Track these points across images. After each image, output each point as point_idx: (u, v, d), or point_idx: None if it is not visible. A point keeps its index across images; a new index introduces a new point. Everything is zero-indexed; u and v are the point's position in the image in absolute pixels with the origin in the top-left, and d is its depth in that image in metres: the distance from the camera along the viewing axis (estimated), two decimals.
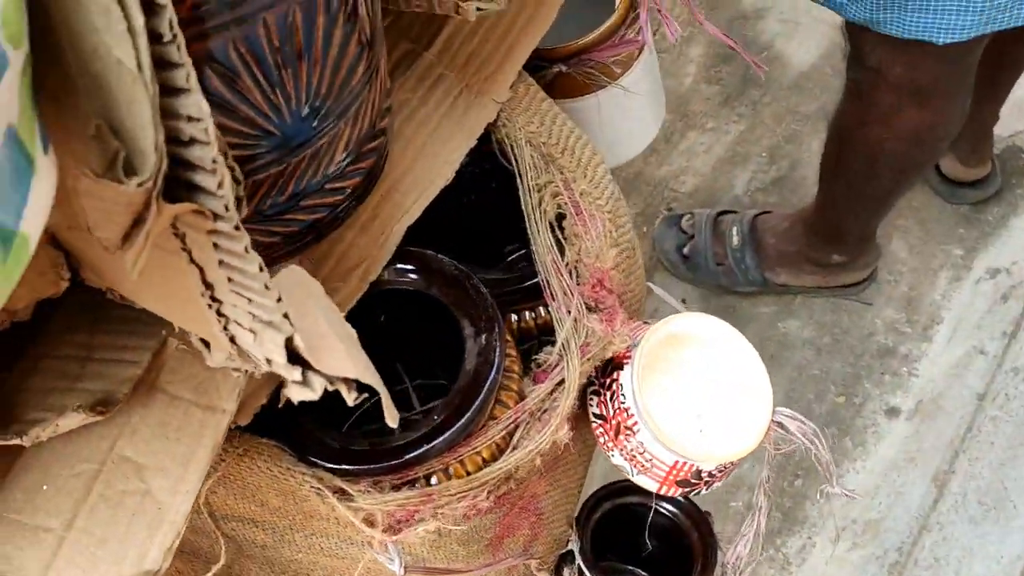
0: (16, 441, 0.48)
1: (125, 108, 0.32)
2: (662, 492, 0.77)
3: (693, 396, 0.74)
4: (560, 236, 0.72)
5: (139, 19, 0.31)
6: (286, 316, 0.37)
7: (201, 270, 0.39)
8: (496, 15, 0.73)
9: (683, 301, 1.58)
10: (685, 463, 0.73)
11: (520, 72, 0.75)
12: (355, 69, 0.50)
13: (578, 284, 0.70)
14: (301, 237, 0.60)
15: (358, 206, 0.63)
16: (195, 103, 0.33)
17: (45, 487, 0.50)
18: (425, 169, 0.68)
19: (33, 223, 0.30)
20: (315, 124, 0.49)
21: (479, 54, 0.73)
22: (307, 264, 0.66)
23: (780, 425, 0.76)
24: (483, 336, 0.64)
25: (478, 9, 0.61)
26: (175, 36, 0.32)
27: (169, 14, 0.32)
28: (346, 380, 0.40)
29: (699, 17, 0.82)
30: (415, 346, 0.76)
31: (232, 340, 0.41)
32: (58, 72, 0.33)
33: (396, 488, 0.60)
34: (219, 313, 0.40)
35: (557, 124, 0.75)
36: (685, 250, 1.57)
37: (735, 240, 1.52)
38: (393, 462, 0.60)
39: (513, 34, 0.74)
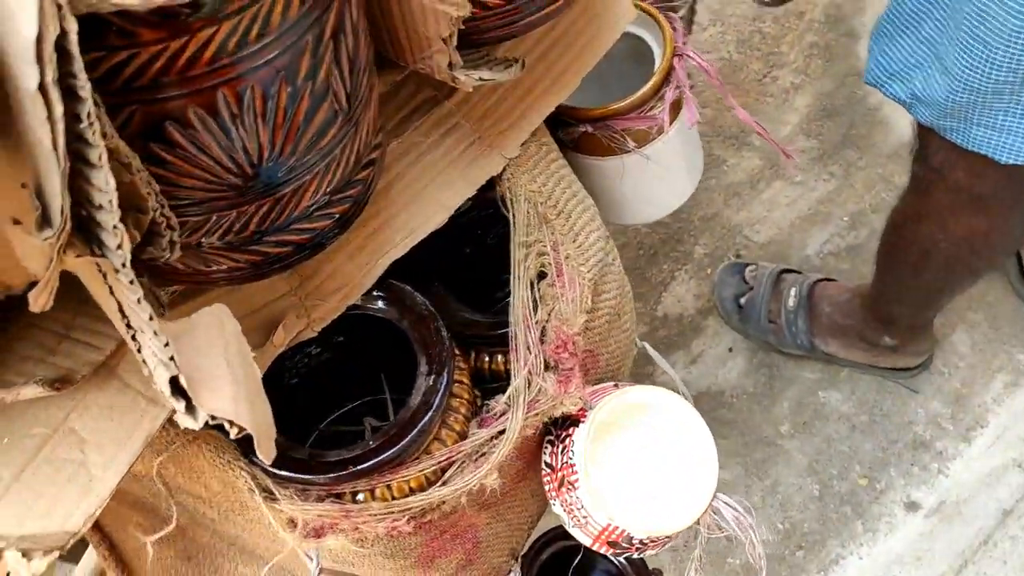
0: None
1: (44, 176, 0.39)
2: (594, 548, 0.80)
3: (640, 466, 0.77)
4: (538, 294, 0.76)
5: (58, 108, 0.37)
6: (172, 359, 0.44)
7: (120, 303, 0.45)
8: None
9: (730, 350, 1.58)
10: (616, 527, 0.76)
11: (538, 129, 0.79)
12: (325, 132, 0.56)
13: (542, 342, 0.74)
14: (286, 257, 0.66)
15: (342, 232, 0.68)
16: (104, 177, 0.39)
17: (6, 440, 0.58)
18: (420, 211, 0.74)
19: None
20: (279, 175, 0.55)
21: (497, 109, 0.78)
22: (295, 279, 0.72)
23: (716, 511, 0.78)
24: (432, 377, 0.69)
25: (480, 79, 0.66)
26: (92, 122, 0.38)
27: (88, 106, 0.38)
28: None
29: (731, 101, 0.83)
30: (395, 363, 0.82)
31: (143, 361, 0.47)
32: (8, 135, 0.40)
33: (321, 499, 0.66)
34: (134, 338, 0.47)
35: (560, 186, 0.78)
36: (742, 300, 1.57)
37: (791, 301, 1.51)
38: (322, 475, 0.66)
39: (533, 96, 0.78)
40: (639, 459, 0.77)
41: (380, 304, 0.73)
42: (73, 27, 0.37)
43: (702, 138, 1.05)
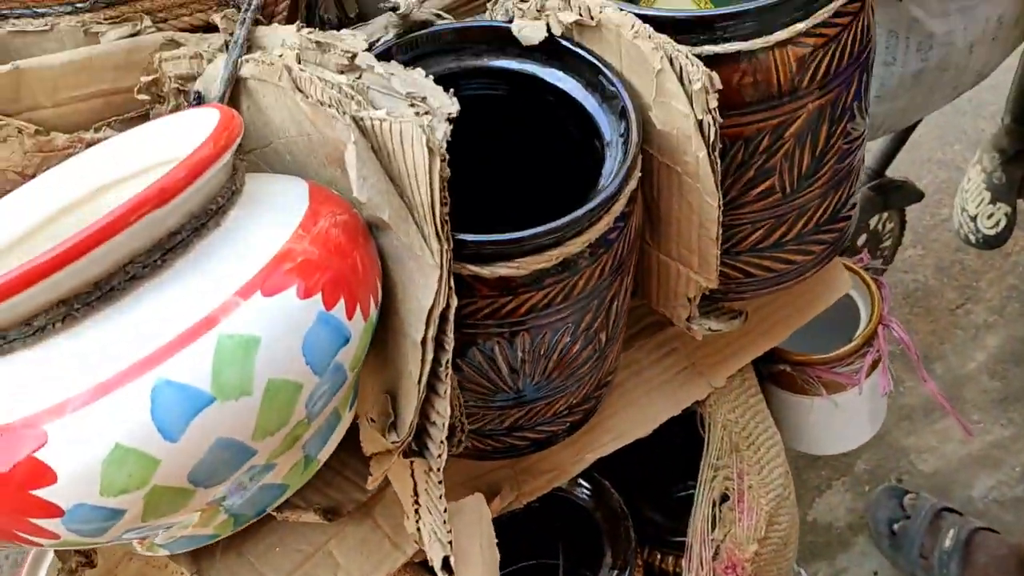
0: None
1: (403, 397, 0.53)
2: None
3: None
4: (718, 513, 0.85)
5: (430, 356, 0.51)
6: (450, 542, 0.56)
7: (415, 483, 0.59)
8: None
9: (875, 574, 1.59)
10: None
11: (746, 366, 0.90)
12: (582, 366, 0.69)
13: (715, 559, 0.83)
14: (523, 449, 0.77)
15: (570, 435, 0.80)
16: (444, 406, 0.53)
17: (278, 549, 0.72)
18: (630, 419, 0.85)
19: (326, 453, 0.51)
20: (539, 393, 0.68)
21: (712, 343, 0.89)
22: (517, 468, 0.84)
23: None
24: (616, 572, 0.79)
25: (710, 329, 0.77)
26: (447, 368, 0.52)
27: (449, 356, 0.52)
28: None
29: (922, 373, 0.91)
30: (574, 536, 0.92)
31: (418, 530, 0.60)
32: (378, 354, 0.55)
33: None
34: (416, 510, 0.60)
35: (755, 420, 0.88)
36: (896, 527, 1.58)
37: (948, 543, 1.51)
38: None
39: (747, 338, 0.89)
40: None
41: (582, 493, 0.84)
42: (454, 302, 0.52)
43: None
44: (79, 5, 0.57)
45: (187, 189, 0.44)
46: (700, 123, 0.60)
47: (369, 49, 0.65)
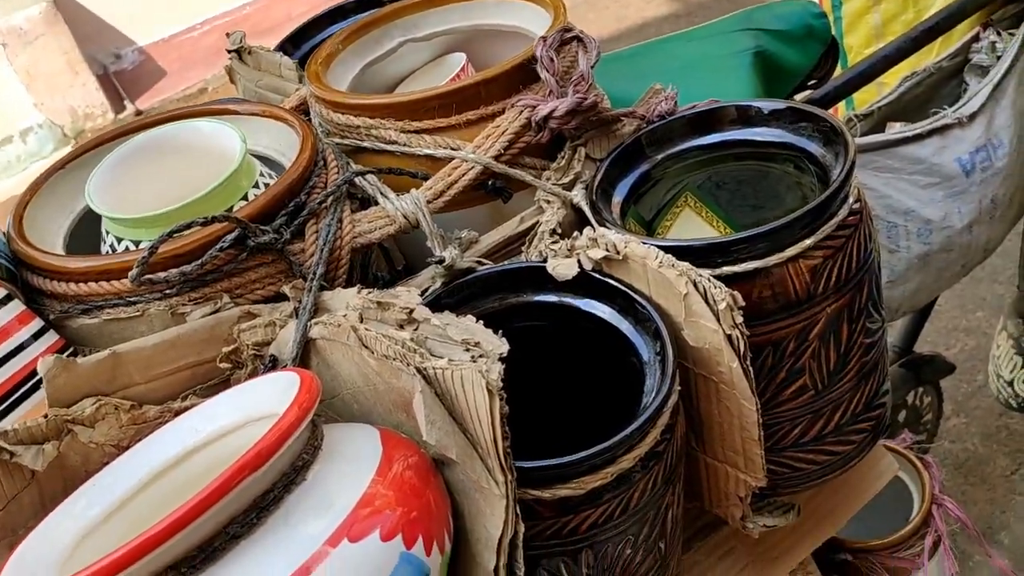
0: None
1: None
2: None
3: None
4: None
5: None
6: None
7: None
8: None
9: None
10: None
11: (807, 559, 0.91)
12: (647, 575, 0.70)
13: None
14: None
15: None
16: None
17: None
18: None
19: None
20: None
21: (769, 538, 0.90)
22: None
23: None
24: None
25: (764, 526, 0.79)
26: None
27: None
28: None
29: (987, 549, 0.91)
30: None
31: None
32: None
33: None
34: None
35: None
36: None
37: None
38: None
39: (802, 531, 0.90)
40: None
41: None
42: (521, 529, 0.55)
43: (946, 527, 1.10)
44: (167, 291, 0.64)
45: (279, 450, 0.49)
46: (729, 337, 0.65)
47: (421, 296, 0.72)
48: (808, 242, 0.68)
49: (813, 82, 1.20)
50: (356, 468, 0.53)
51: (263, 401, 0.58)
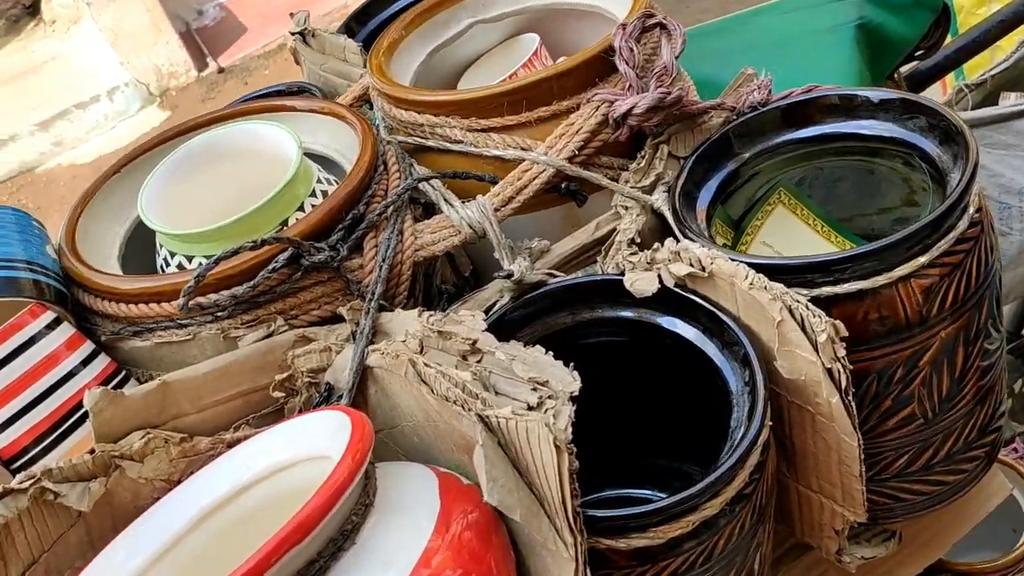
0: None
1: None
2: None
3: None
4: None
5: None
6: None
7: None
8: None
9: None
10: None
11: None
12: None
13: None
14: None
15: None
16: None
17: None
18: None
19: None
20: None
21: (867, 562, 0.83)
22: None
23: None
24: None
25: (863, 558, 0.73)
26: None
27: None
28: None
29: None
30: None
31: None
32: None
33: None
34: None
35: None
36: None
37: None
38: None
39: (903, 554, 0.83)
40: None
41: None
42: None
43: None
44: (219, 314, 0.60)
45: (325, 518, 0.44)
46: (829, 371, 0.58)
47: (487, 312, 0.66)
48: (922, 260, 0.61)
49: (920, 52, 1.09)
50: (411, 524, 0.49)
51: (316, 439, 0.54)
